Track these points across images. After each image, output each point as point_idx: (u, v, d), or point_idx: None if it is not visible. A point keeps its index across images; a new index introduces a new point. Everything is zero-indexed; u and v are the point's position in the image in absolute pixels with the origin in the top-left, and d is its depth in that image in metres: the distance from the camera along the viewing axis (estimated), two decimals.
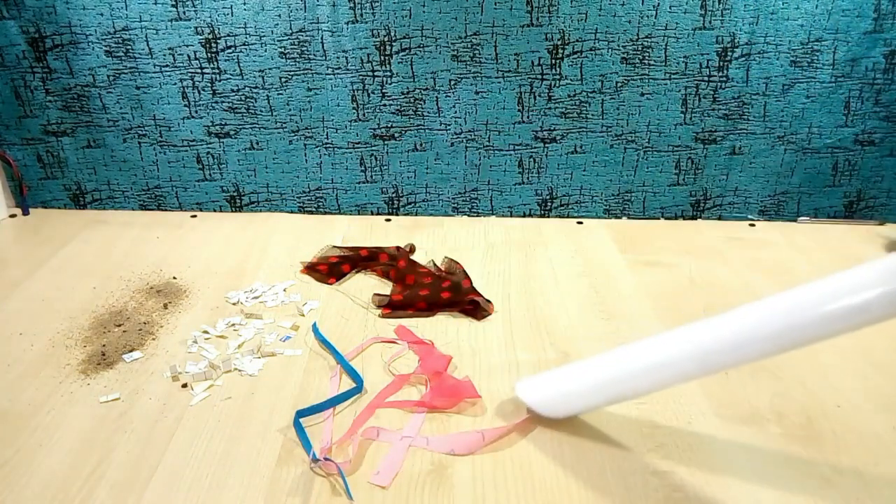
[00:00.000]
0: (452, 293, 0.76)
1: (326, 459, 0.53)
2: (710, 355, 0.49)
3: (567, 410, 0.58)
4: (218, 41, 0.90)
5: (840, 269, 0.91)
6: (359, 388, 0.62)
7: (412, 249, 0.88)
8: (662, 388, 0.53)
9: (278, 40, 0.90)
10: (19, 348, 0.68)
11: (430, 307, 0.75)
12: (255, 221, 0.98)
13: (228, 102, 0.94)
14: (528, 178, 0.99)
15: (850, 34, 0.89)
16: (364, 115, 0.95)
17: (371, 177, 0.99)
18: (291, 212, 1.01)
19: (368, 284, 0.81)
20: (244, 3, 0.88)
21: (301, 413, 0.59)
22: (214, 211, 1.01)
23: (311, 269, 0.83)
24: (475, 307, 0.75)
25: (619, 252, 0.90)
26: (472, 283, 0.80)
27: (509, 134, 0.96)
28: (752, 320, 0.47)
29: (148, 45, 0.90)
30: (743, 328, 0.48)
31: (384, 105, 0.94)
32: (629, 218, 1.01)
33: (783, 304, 0.46)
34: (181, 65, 0.91)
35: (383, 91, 0.93)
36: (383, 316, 0.74)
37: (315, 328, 0.70)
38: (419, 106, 0.94)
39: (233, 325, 0.72)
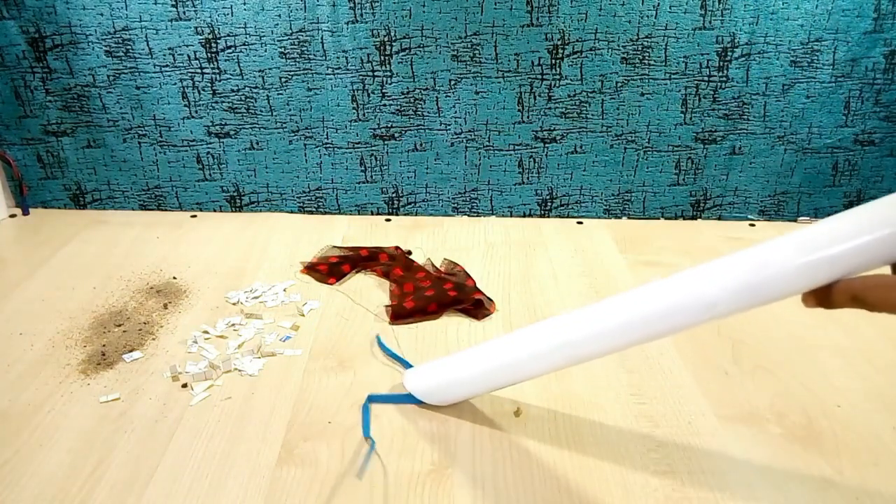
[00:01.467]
0: (458, 292, 0.76)
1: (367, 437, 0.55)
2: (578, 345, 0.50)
3: (448, 399, 0.60)
4: (218, 41, 0.90)
5: None
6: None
7: (409, 253, 0.88)
8: (554, 370, 0.54)
9: (278, 40, 0.90)
10: (19, 348, 0.68)
11: (439, 308, 0.74)
12: (255, 221, 0.98)
13: (228, 102, 0.94)
14: (528, 178, 0.99)
15: (850, 34, 0.89)
16: (364, 115, 0.95)
17: (371, 177, 0.99)
18: (291, 212, 1.01)
19: (368, 284, 0.82)
20: (244, 3, 0.88)
21: (373, 398, 0.61)
22: (214, 211, 1.01)
23: (311, 269, 0.83)
24: (477, 306, 0.75)
25: (619, 252, 0.90)
26: (475, 282, 0.80)
27: (509, 134, 0.96)
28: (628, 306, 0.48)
29: (148, 45, 0.90)
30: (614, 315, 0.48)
31: (384, 105, 0.94)
32: (629, 218, 1.01)
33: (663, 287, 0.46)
34: (181, 65, 0.91)
35: (383, 91, 0.93)
36: (392, 323, 0.73)
37: (379, 340, 0.69)
38: (419, 106, 0.94)
39: (233, 325, 0.72)
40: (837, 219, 0.39)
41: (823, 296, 0.39)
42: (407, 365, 0.65)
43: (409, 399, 0.61)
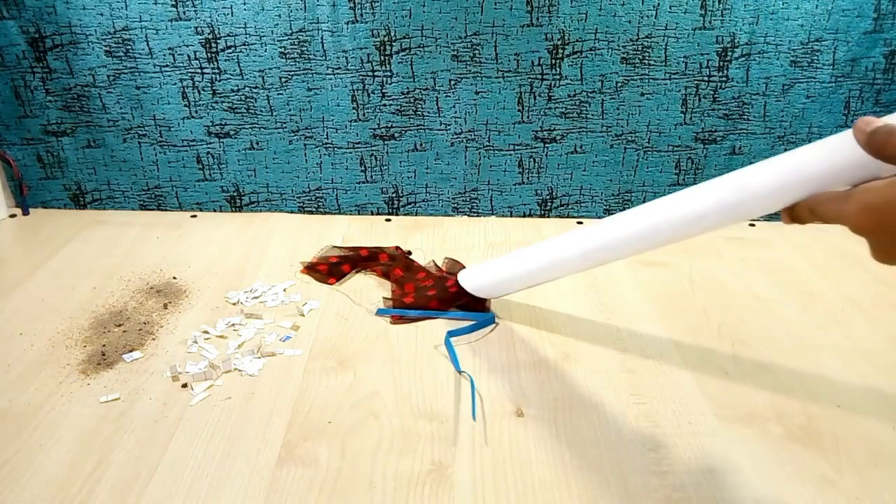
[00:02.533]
0: (459, 287, 0.76)
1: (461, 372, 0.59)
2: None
3: (500, 292, 0.74)
4: (218, 41, 0.90)
5: (840, 268, 0.91)
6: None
7: (409, 253, 0.88)
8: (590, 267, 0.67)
9: (278, 40, 0.90)
10: (19, 348, 0.68)
11: (441, 304, 0.75)
12: (255, 221, 0.98)
13: (228, 102, 0.94)
14: (528, 178, 0.99)
15: (850, 34, 0.89)
16: (364, 115, 0.95)
17: (371, 177, 0.99)
18: (291, 212, 1.01)
19: (368, 284, 0.82)
20: (244, 3, 0.88)
21: (452, 333, 0.69)
22: (214, 211, 1.01)
23: (311, 269, 0.83)
24: (476, 301, 0.75)
25: None
26: None
27: (509, 134, 0.96)
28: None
29: (148, 45, 0.90)
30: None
31: (384, 105, 0.94)
32: None
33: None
34: (181, 65, 0.91)
35: (383, 91, 0.93)
36: (393, 323, 0.73)
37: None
38: (419, 106, 0.94)
39: (233, 325, 0.72)
40: (803, 150, 0.47)
41: (793, 213, 0.47)
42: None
43: (482, 322, 0.69)
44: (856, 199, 0.41)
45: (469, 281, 0.74)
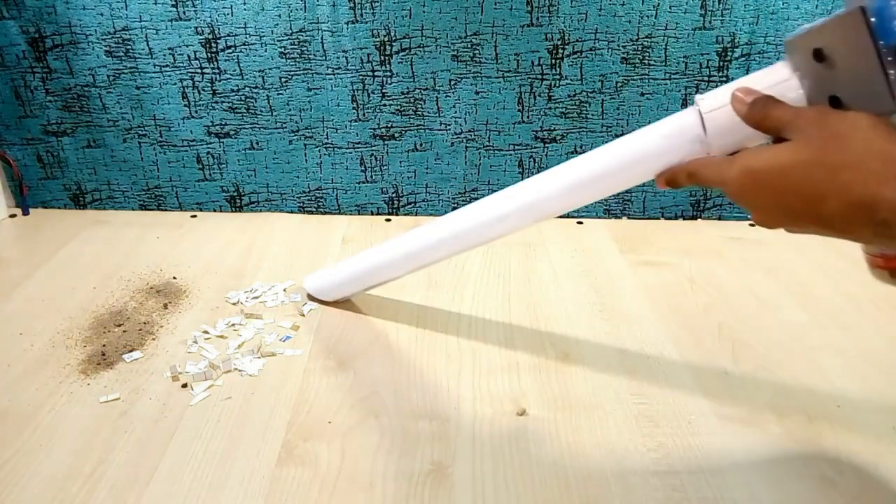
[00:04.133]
0: None
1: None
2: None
3: (343, 294, 0.76)
4: (218, 41, 0.90)
5: (840, 268, 0.91)
6: None
7: None
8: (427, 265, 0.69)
9: (278, 40, 0.90)
10: (19, 348, 0.68)
11: None
12: (255, 221, 0.98)
13: (228, 102, 0.94)
14: (528, 177, 0.98)
15: None
16: (364, 115, 0.95)
17: (371, 177, 0.99)
18: (291, 212, 1.01)
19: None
20: (244, 3, 0.88)
21: None
22: (214, 211, 1.01)
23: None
24: None
25: (619, 252, 0.90)
26: None
27: (509, 134, 0.96)
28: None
29: (148, 45, 0.90)
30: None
31: (384, 105, 0.94)
32: (629, 218, 1.01)
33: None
34: (181, 65, 0.91)
35: (383, 91, 0.93)
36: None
37: None
38: (419, 106, 0.94)
39: (233, 325, 0.72)
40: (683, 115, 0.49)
41: (668, 176, 0.50)
42: None
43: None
44: (738, 164, 0.42)
45: (313, 285, 0.77)
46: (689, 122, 0.48)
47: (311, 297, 0.77)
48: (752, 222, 1.00)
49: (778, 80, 0.43)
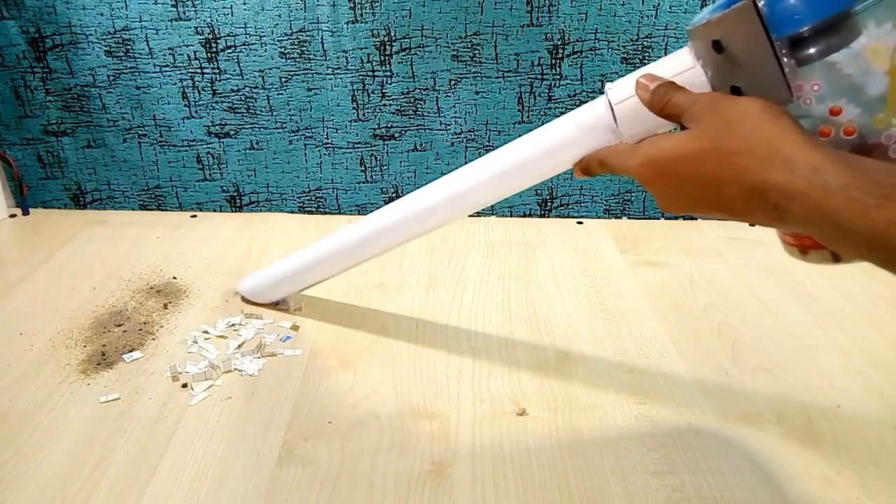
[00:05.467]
0: None
1: None
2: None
3: (278, 295, 0.75)
4: (218, 41, 0.90)
5: (840, 268, 0.91)
6: None
7: None
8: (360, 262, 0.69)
9: (278, 40, 0.90)
10: (19, 348, 0.68)
11: None
12: (255, 221, 0.98)
13: (228, 102, 0.94)
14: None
15: None
16: (364, 115, 0.95)
17: (371, 177, 0.99)
18: (291, 212, 1.01)
19: (368, 285, 0.81)
20: (244, 3, 0.88)
21: None
22: (214, 211, 1.01)
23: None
24: None
25: (619, 252, 0.90)
26: None
27: (509, 134, 0.96)
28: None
29: (148, 45, 0.90)
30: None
31: (384, 105, 0.94)
32: (629, 218, 1.01)
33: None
34: (181, 65, 0.91)
35: (383, 91, 0.93)
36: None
37: None
38: (419, 106, 0.94)
39: (233, 325, 0.72)
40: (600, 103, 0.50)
41: (583, 165, 0.51)
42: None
43: None
44: (640, 153, 0.43)
45: (248, 286, 0.76)
46: (601, 112, 0.49)
47: (245, 301, 0.76)
48: (751, 223, 1.00)
49: (682, 67, 0.43)
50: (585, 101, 0.96)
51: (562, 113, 0.95)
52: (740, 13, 0.38)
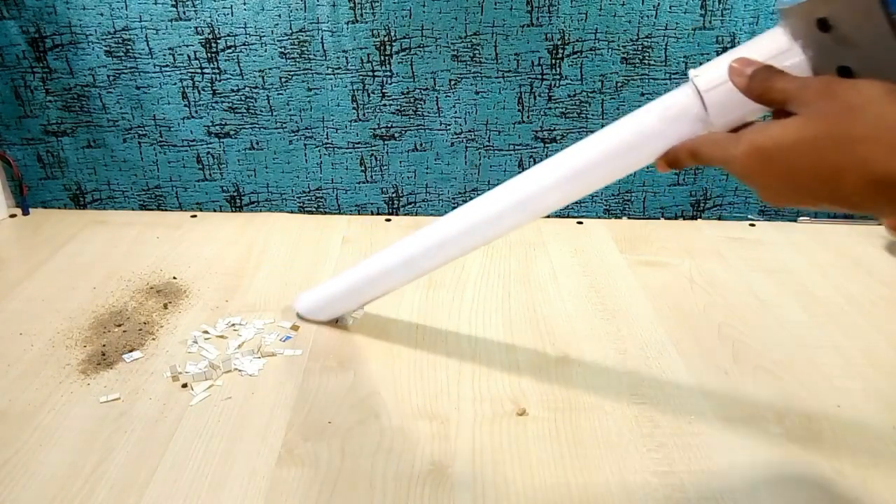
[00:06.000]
0: None
1: None
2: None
3: (337, 311, 0.72)
4: (218, 41, 0.90)
5: (840, 269, 0.91)
6: None
7: None
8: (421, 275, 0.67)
9: (278, 40, 0.90)
10: (19, 348, 0.68)
11: None
12: (255, 221, 0.98)
13: (228, 102, 0.94)
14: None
15: None
16: (364, 115, 0.95)
17: (371, 177, 0.99)
18: (291, 212, 1.01)
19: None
20: (244, 3, 0.88)
21: None
22: (214, 211, 1.01)
23: None
24: None
25: (619, 252, 0.90)
26: None
27: (509, 134, 0.96)
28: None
29: (148, 45, 0.90)
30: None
31: (384, 105, 0.94)
32: (629, 218, 1.01)
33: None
34: (181, 65, 0.91)
35: (383, 91, 0.93)
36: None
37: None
38: (419, 106, 0.94)
39: (233, 325, 0.72)
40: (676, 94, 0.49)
41: (669, 157, 0.48)
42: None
43: None
44: (745, 141, 0.40)
45: (304, 305, 0.73)
46: (688, 100, 0.46)
47: (301, 319, 0.73)
48: (752, 222, 1.00)
49: (778, 49, 0.41)
50: (585, 101, 0.97)
51: (562, 113, 0.96)
52: None
